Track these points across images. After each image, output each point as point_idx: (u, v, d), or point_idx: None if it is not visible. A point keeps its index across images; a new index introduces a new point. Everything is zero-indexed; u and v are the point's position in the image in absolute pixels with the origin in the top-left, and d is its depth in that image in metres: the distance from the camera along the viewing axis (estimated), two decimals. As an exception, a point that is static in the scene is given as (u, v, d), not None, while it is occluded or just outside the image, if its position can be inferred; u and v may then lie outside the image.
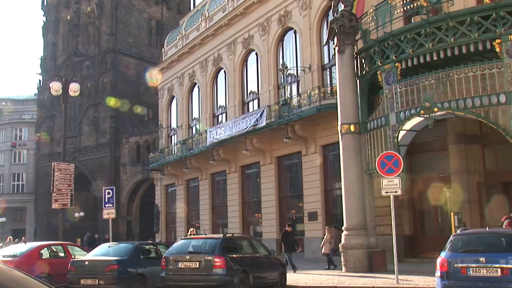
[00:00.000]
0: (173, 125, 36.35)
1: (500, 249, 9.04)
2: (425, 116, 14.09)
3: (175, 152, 33.30)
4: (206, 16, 32.04)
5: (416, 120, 14.75)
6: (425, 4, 14.24)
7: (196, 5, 45.40)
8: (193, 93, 34.08)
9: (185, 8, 51.21)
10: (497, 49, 12.98)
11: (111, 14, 46.35)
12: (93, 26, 47.20)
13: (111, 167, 43.55)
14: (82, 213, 41.80)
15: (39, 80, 51.25)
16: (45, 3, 52.18)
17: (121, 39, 46.32)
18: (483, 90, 13.20)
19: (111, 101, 43.70)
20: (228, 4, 29.62)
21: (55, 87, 20.37)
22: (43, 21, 52.12)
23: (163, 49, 38.98)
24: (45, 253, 14.51)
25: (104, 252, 13.77)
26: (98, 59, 45.99)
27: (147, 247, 14.35)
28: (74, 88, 20.56)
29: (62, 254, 14.88)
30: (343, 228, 16.22)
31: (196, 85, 33.41)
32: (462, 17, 13.47)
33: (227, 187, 28.92)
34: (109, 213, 18.60)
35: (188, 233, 20.39)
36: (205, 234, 14.69)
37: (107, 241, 21.12)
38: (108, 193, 18.76)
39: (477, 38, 13.23)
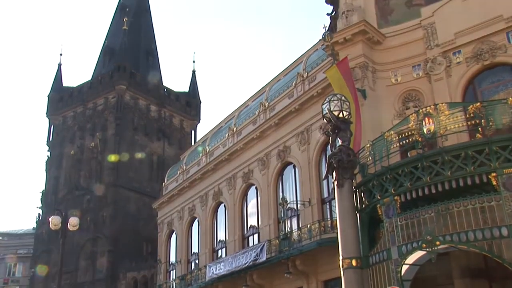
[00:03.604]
0: (172, 260, 35.70)
1: None
2: (427, 249, 13.87)
3: (173, 288, 32.41)
4: (207, 151, 32.82)
5: (418, 253, 14.49)
6: (419, 139, 14.63)
7: (197, 140, 46.74)
8: (193, 227, 33.89)
9: (186, 144, 52.69)
10: (494, 183, 13.11)
11: (114, 149, 47.54)
12: (96, 160, 48.19)
13: (106, 303, 42.11)
14: None
15: (39, 214, 51.21)
16: (50, 139, 53.69)
17: (122, 174, 47.07)
18: (484, 223, 13.12)
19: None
20: (228, 140, 30.46)
21: (54, 221, 20.29)
22: (47, 156, 53.29)
23: (163, 184, 39.40)
24: None
25: None
26: (99, 193, 46.35)
27: None
28: (73, 223, 20.47)
29: None
30: None
31: (196, 219, 33.32)
32: (457, 152, 13.76)
33: (226, 326, 27.71)
34: None
35: None
36: None
37: None
38: (102, 333, 17.95)
39: (472, 171, 13.42)
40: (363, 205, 16.51)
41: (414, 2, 20.51)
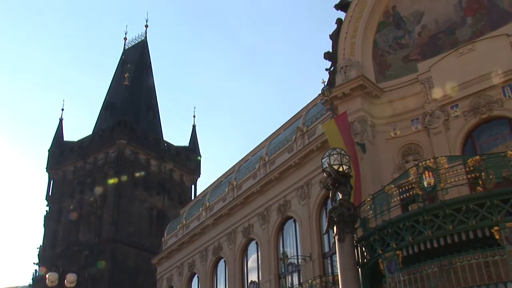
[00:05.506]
0: (171, 317, 34.94)
1: None
2: (432, 306, 13.60)
3: None
4: (207, 205, 32.63)
5: (423, 310, 14.19)
6: (420, 193, 14.56)
7: (197, 195, 46.55)
8: (193, 283, 33.29)
9: (186, 198, 52.47)
10: (496, 236, 12.97)
11: (113, 204, 47.32)
12: (95, 215, 47.89)
13: None
14: None
15: (35, 270, 50.42)
16: (49, 194, 53.51)
17: (121, 228, 46.65)
18: (489, 278, 12.91)
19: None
20: (228, 194, 30.34)
21: (51, 278, 20.00)
22: (46, 210, 52.95)
23: (163, 238, 38.96)
24: None
25: None
26: (98, 248, 45.79)
27: None
28: (70, 279, 20.16)
29: None
30: None
31: (196, 275, 32.77)
32: (458, 205, 13.66)
33: None
34: None
35: None
36: None
37: None
38: None
39: (474, 225, 13.29)
40: (365, 260, 16.27)
41: (411, 57, 20.93)
